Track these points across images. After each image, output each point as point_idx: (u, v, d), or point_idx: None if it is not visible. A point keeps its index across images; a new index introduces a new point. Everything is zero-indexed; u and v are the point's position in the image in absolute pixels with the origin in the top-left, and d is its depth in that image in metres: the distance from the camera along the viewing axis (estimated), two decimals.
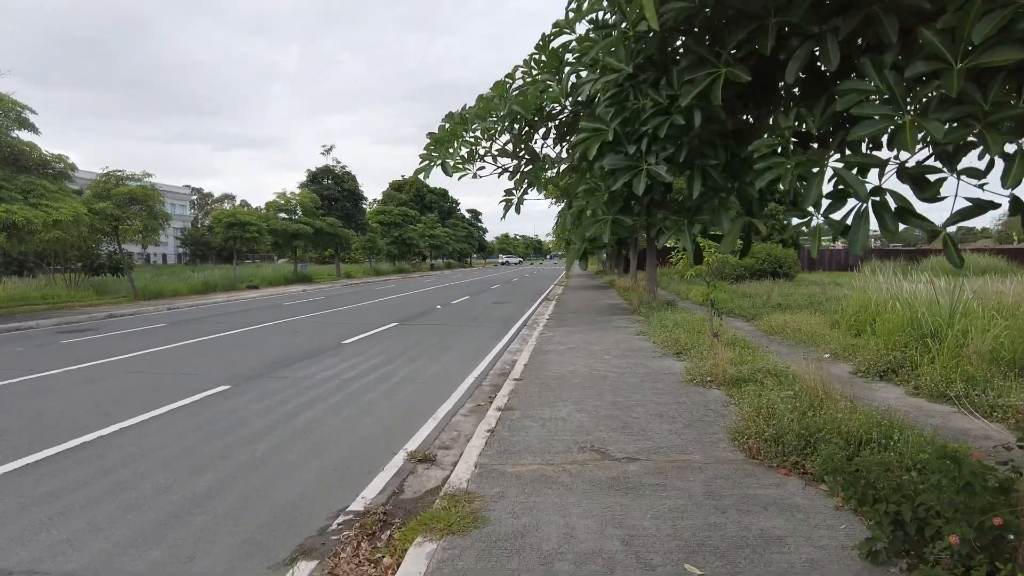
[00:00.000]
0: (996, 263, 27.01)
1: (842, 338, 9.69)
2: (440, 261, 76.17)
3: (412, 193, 79.95)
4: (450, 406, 6.79)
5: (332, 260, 46.36)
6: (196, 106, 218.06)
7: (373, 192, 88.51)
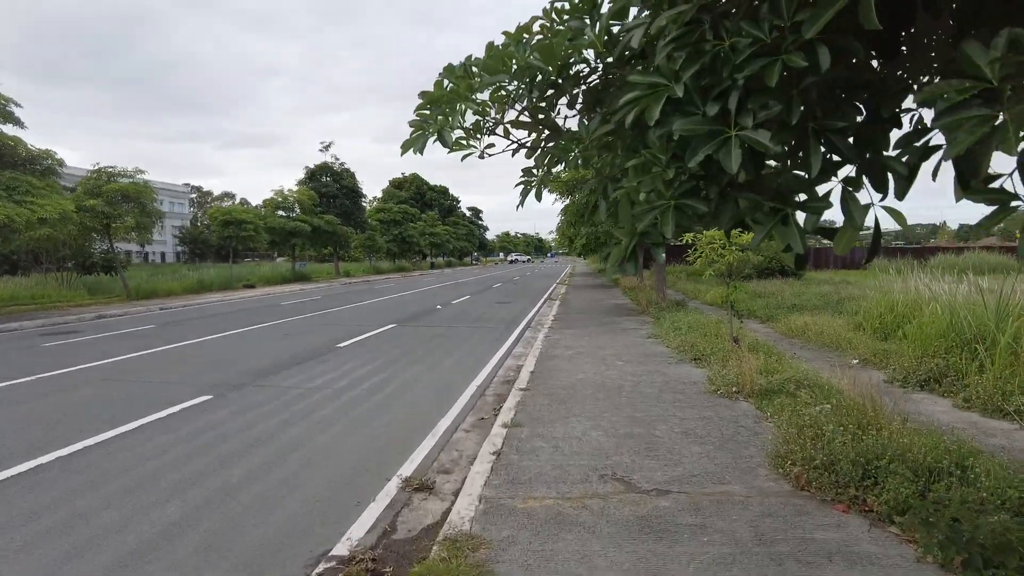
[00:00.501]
0: (1006, 261, 26.34)
1: (869, 342, 9.06)
2: (441, 259, 75.52)
3: (412, 191, 79.30)
4: (450, 420, 6.17)
5: (332, 258, 45.73)
6: (198, 104, 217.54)
7: (374, 190, 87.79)
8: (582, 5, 2.05)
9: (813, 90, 1.55)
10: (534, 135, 2.40)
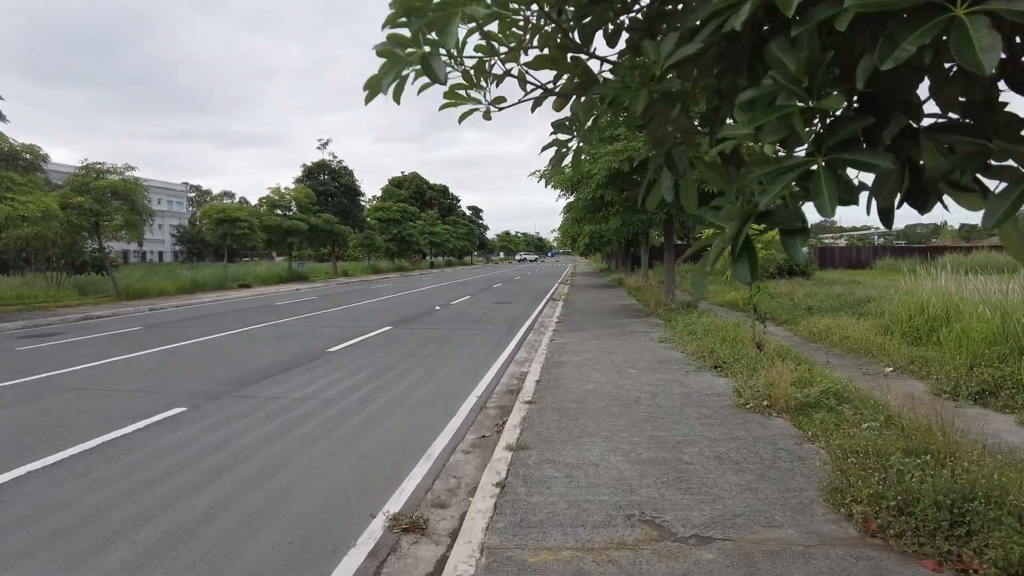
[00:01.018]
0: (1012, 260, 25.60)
1: (901, 348, 8.37)
2: (441, 259, 74.78)
3: (412, 190, 78.59)
4: (448, 439, 5.48)
5: (330, 258, 45.01)
6: (199, 104, 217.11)
7: (375, 190, 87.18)
8: None
9: None
10: (564, 78, 1.70)
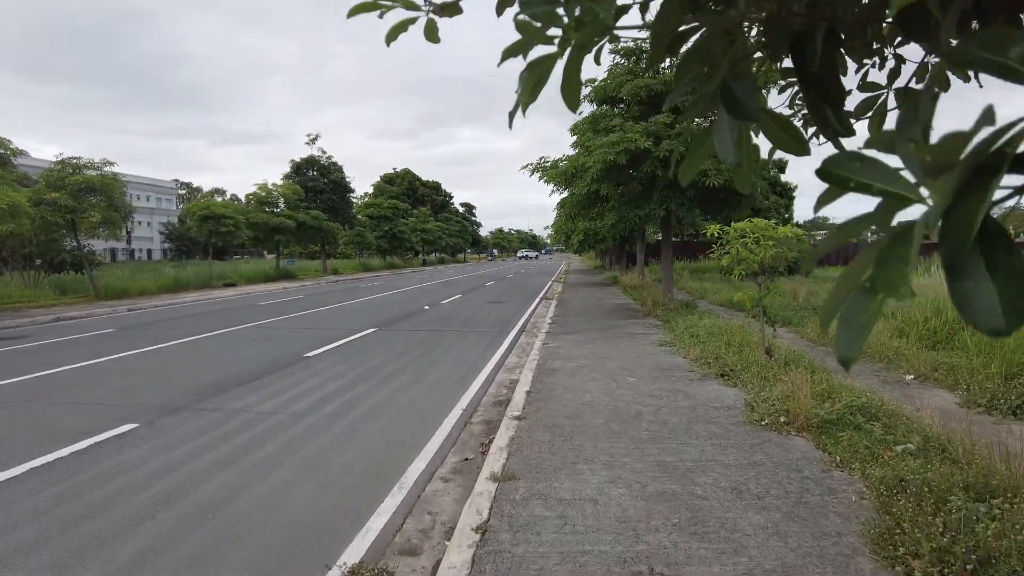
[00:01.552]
0: None
1: (919, 353, 7.80)
2: (433, 256, 73.98)
3: (404, 186, 77.73)
4: (425, 462, 4.85)
5: (320, 255, 44.18)
6: (193, 100, 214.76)
7: (367, 187, 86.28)
8: None
9: None
10: None
